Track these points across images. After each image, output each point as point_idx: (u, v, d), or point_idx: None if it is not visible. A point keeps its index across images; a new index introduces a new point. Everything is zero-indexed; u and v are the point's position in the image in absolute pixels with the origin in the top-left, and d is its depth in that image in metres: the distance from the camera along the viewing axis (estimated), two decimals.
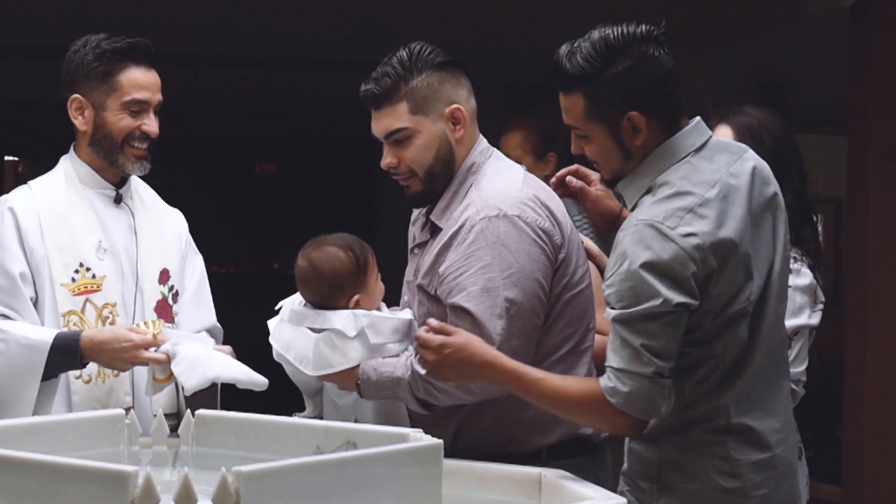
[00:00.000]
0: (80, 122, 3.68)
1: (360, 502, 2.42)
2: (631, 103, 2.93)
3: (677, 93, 3.00)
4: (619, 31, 2.94)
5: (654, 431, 2.99)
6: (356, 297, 3.36)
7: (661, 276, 2.81)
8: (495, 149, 3.44)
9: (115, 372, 3.53)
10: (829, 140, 9.12)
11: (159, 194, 3.93)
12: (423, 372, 3.16)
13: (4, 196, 3.70)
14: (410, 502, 2.53)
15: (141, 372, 3.54)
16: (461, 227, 3.22)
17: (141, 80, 3.63)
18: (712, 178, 2.92)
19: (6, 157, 14.04)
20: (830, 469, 7.00)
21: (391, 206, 12.05)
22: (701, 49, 8.88)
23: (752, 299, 2.91)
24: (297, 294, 3.46)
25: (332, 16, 8.26)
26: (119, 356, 3.40)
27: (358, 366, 3.27)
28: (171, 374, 3.37)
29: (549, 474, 2.93)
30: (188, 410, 3.16)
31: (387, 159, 3.35)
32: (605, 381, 2.89)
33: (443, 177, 3.33)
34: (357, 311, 3.30)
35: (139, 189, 3.82)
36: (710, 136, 3.03)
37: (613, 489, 3.00)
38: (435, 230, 3.34)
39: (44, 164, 3.99)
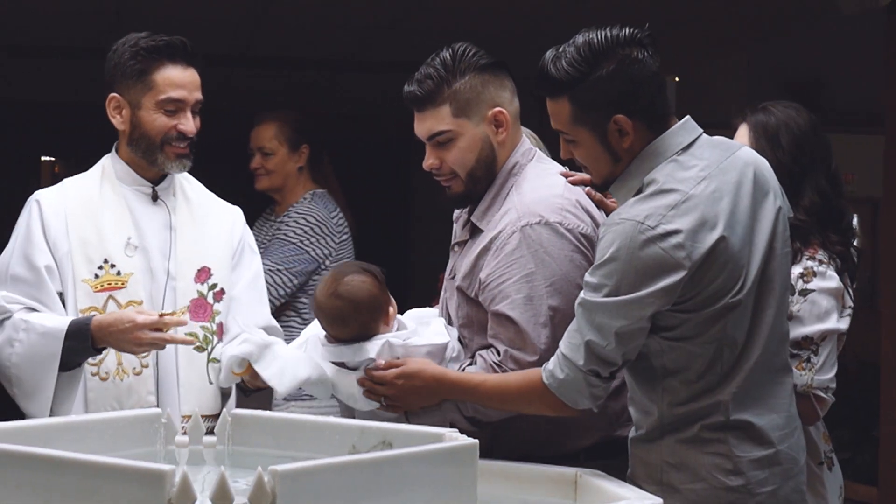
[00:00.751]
0: (118, 120, 3.67)
1: (395, 502, 2.42)
2: (616, 106, 2.94)
3: (663, 94, 3.01)
4: (603, 35, 2.95)
5: (655, 431, 3.00)
6: (391, 311, 3.35)
7: (634, 275, 2.85)
8: (538, 149, 3.43)
9: (137, 370, 3.51)
10: (866, 140, 9.04)
11: None
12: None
13: (36, 191, 3.72)
14: (446, 502, 2.53)
15: (167, 370, 3.54)
16: (501, 231, 3.22)
17: (176, 79, 3.59)
18: (699, 174, 2.93)
19: (43, 158, 14.09)
20: (867, 470, 6.96)
21: (428, 205, 12.05)
22: (735, 48, 8.85)
23: (743, 294, 2.91)
24: (310, 332, 3.43)
25: (366, 16, 8.26)
26: (124, 337, 3.38)
27: None
28: (249, 368, 3.33)
29: (586, 474, 2.93)
30: (224, 410, 3.17)
31: (429, 160, 3.35)
32: (548, 364, 3.00)
33: (484, 178, 3.32)
34: (392, 340, 3.28)
35: (185, 186, 3.77)
36: (701, 134, 3.03)
37: None
38: (475, 230, 3.34)
39: (80, 164, 3.99)
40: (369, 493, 2.37)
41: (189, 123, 3.61)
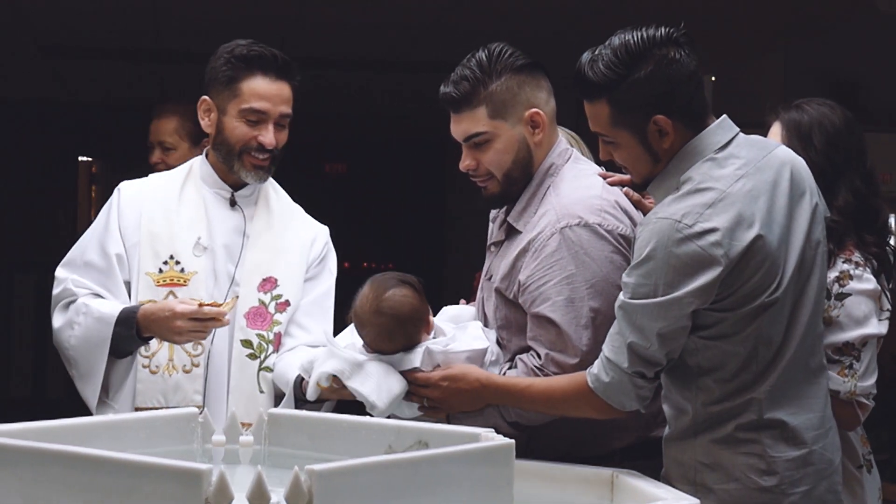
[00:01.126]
0: (206, 123, 3.69)
1: (431, 502, 2.42)
2: (655, 107, 2.94)
3: (700, 93, 3.01)
4: (639, 36, 2.95)
5: (689, 430, 3.00)
6: (430, 319, 3.34)
7: (672, 273, 2.85)
8: (574, 149, 3.42)
9: (187, 367, 3.53)
10: None
11: None
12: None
13: (122, 182, 3.78)
14: (482, 502, 2.52)
15: (218, 372, 3.54)
16: (540, 233, 3.21)
17: (262, 90, 3.59)
18: (736, 172, 2.92)
19: (80, 158, 14.14)
20: None
21: (463, 205, 12.05)
22: (772, 47, 8.82)
23: (779, 293, 2.90)
24: (346, 341, 3.39)
25: (401, 16, 8.26)
26: (164, 325, 3.43)
27: None
28: (334, 386, 3.27)
29: (622, 474, 2.93)
30: (262, 410, 3.17)
31: (465, 161, 3.34)
32: (593, 367, 3.01)
33: (521, 180, 3.32)
34: (431, 347, 3.26)
35: (270, 195, 3.78)
36: (738, 133, 3.02)
37: None
38: (511, 231, 3.34)
39: (117, 164, 4.05)
40: (406, 492, 2.37)
41: (269, 136, 3.60)
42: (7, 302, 12.52)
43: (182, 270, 3.58)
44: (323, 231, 3.87)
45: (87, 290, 3.61)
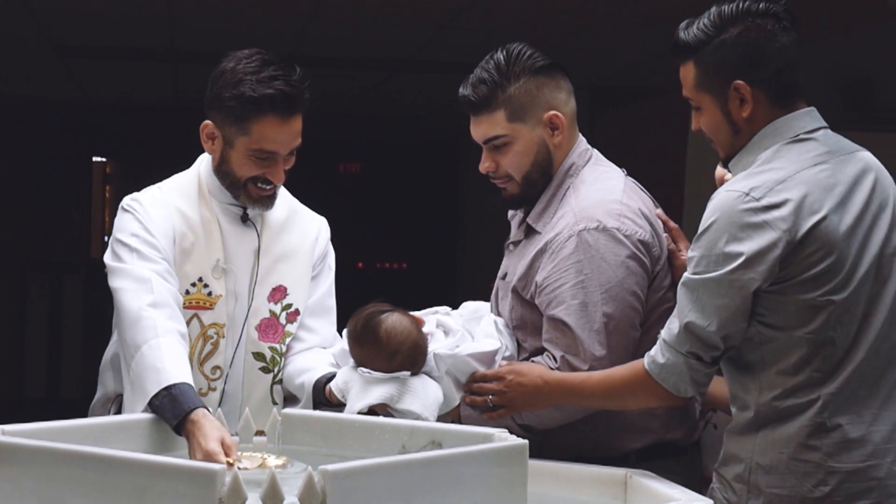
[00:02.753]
0: (209, 146, 3.50)
1: (445, 502, 2.42)
2: (738, 72, 2.92)
3: (794, 71, 2.97)
4: (737, 5, 2.95)
5: (751, 425, 2.92)
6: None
7: (735, 243, 2.81)
8: (595, 150, 3.40)
9: (203, 391, 3.37)
10: None
11: None
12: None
13: (144, 195, 3.55)
14: (495, 502, 2.52)
15: (232, 391, 3.48)
16: (558, 235, 3.20)
17: (274, 134, 3.38)
18: (816, 158, 2.89)
19: (94, 159, 14.20)
20: None
21: (477, 205, 12.06)
22: None
23: (847, 293, 2.83)
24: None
25: (415, 16, 8.27)
26: (194, 446, 2.99)
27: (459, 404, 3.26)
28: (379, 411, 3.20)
29: (636, 475, 2.92)
30: (275, 408, 3.17)
31: (485, 164, 3.33)
32: (650, 351, 2.97)
33: (540, 181, 3.31)
34: (438, 352, 3.23)
35: (277, 202, 3.60)
36: (825, 126, 2.98)
37: (703, 493, 2.97)
38: (529, 231, 3.33)
39: (131, 165, 4.00)
40: (419, 492, 2.37)
41: (278, 174, 3.45)
42: (21, 302, 12.55)
43: (210, 294, 3.49)
44: (324, 225, 3.76)
45: (170, 308, 3.33)
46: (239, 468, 2.96)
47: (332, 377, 3.32)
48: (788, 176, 2.84)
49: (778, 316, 2.86)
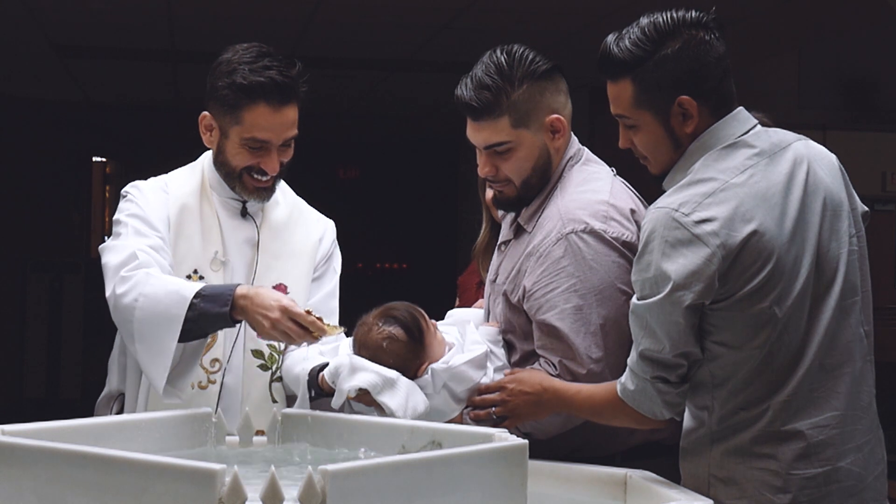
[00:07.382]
0: (207, 138, 3.53)
1: (445, 502, 2.42)
2: (681, 87, 2.85)
3: (728, 80, 2.91)
4: (669, 16, 2.87)
5: (704, 441, 2.91)
6: (424, 366, 3.27)
7: (669, 262, 2.76)
8: (585, 149, 3.39)
9: (203, 384, 3.45)
10: None
11: None
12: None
13: (143, 182, 3.58)
14: (495, 502, 2.52)
15: (231, 387, 3.49)
16: (545, 238, 3.19)
17: (265, 121, 3.41)
18: (744, 163, 2.84)
19: (94, 158, 14.20)
20: None
21: (476, 207, 12.00)
22: (788, 46, 8.81)
23: (790, 300, 2.79)
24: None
25: (415, 16, 8.27)
26: (263, 311, 3.19)
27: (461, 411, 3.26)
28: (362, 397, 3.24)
29: (635, 475, 2.92)
30: (275, 407, 3.17)
31: (485, 168, 3.30)
32: (622, 377, 2.95)
33: (538, 185, 3.29)
34: (434, 367, 3.22)
35: (277, 197, 3.63)
36: (754, 126, 2.92)
37: None
38: (519, 231, 3.32)
39: (131, 165, 4.00)
40: (419, 492, 2.37)
41: (272, 163, 3.46)
42: (21, 302, 12.56)
43: None
44: (330, 227, 3.77)
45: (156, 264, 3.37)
46: (309, 312, 3.19)
47: (326, 366, 3.32)
48: (718, 188, 2.80)
49: (726, 332, 2.82)
